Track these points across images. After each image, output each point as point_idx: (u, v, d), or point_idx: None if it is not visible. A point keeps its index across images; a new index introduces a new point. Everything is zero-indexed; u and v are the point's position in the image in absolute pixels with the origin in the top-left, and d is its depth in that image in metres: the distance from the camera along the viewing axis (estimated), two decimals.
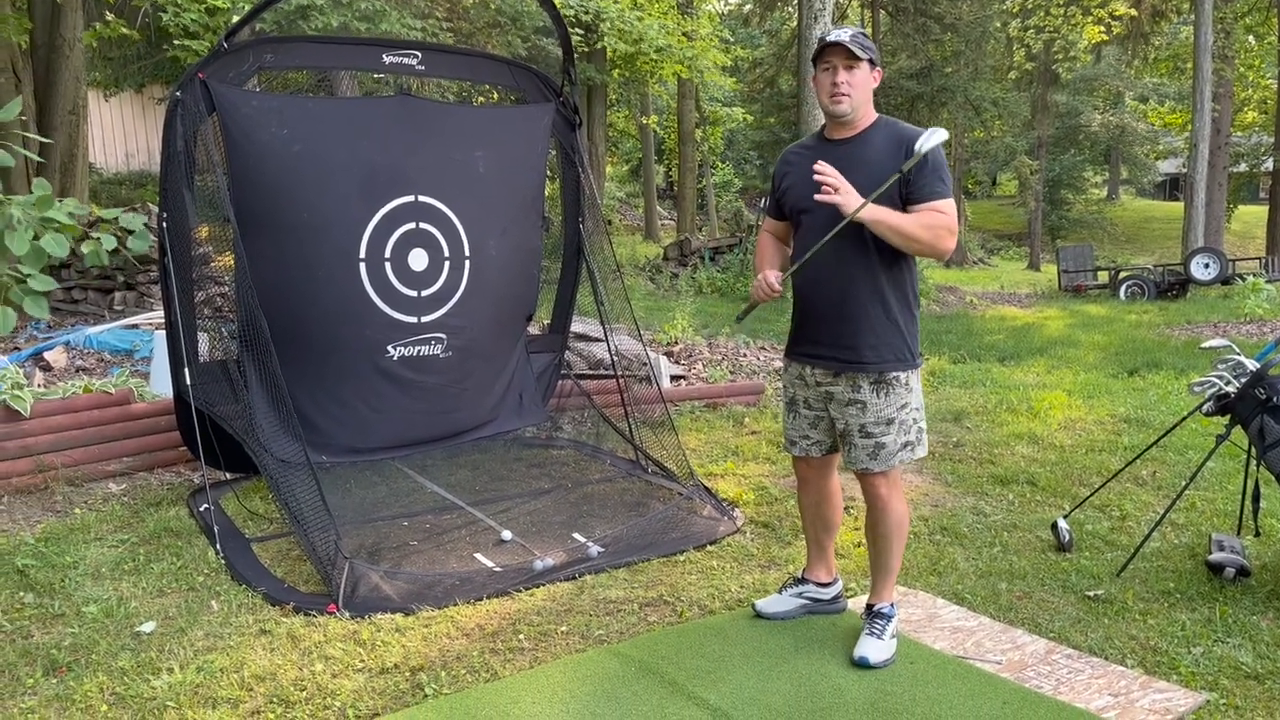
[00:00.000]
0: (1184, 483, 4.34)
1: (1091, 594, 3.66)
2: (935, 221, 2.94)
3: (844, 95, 2.99)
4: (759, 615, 3.45)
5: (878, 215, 2.89)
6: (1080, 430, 6.24)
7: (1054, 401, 6.97)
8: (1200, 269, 16.50)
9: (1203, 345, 4.26)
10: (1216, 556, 3.75)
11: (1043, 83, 27.08)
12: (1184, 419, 4.41)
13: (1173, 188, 41.92)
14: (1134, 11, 19.87)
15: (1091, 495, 4.60)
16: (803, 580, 3.50)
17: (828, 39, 2.99)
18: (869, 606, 3.26)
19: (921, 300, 14.50)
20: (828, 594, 3.49)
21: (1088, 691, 2.92)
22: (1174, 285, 16.75)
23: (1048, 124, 28.17)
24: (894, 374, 3.04)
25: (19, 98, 3.91)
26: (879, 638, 3.16)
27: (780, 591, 3.52)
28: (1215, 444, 3.93)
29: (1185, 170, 20.41)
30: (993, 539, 4.28)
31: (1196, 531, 4.30)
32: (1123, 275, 17.56)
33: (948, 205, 2.99)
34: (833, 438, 3.22)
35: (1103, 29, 19.24)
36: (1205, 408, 3.89)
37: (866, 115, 3.07)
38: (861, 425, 3.06)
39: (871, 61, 3.01)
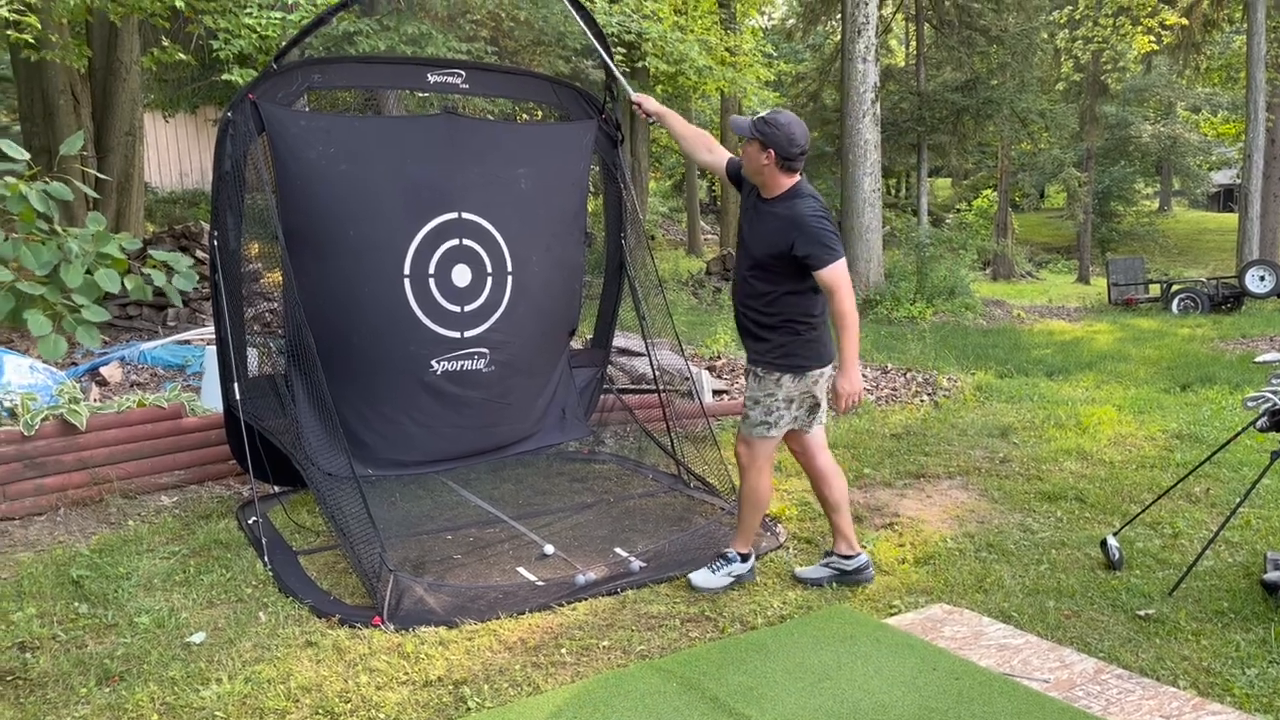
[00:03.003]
0: (1238, 500, 4.25)
1: (1142, 613, 3.59)
2: (839, 314, 3.60)
3: (744, 166, 3.76)
4: (795, 579, 3.99)
5: (847, 360, 3.64)
6: (1130, 446, 6.13)
7: (1103, 417, 6.86)
8: (1255, 281, 16.14)
9: (1257, 359, 4.17)
10: (1272, 575, 3.66)
11: (1091, 94, 26.70)
12: (1238, 435, 4.32)
13: (1226, 199, 41.06)
14: (1185, 21, 19.55)
15: (1142, 512, 4.52)
16: (830, 553, 4.02)
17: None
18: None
19: (968, 314, 14.45)
20: (850, 565, 3.95)
21: (1138, 713, 2.87)
22: (1228, 298, 16.40)
23: (1097, 135, 27.75)
24: (763, 371, 3.81)
25: (81, 131, 4.03)
26: (711, 571, 3.91)
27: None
28: (1270, 460, 3.85)
29: (1239, 181, 20.01)
30: (1040, 556, 4.21)
31: (1251, 550, 4.20)
32: (1175, 288, 17.22)
33: (829, 272, 3.59)
34: (801, 416, 3.89)
35: (1153, 39, 18.94)
36: (1259, 423, 3.81)
37: (774, 184, 3.71)
38: (745, 398, 3.91)
39: (762, 144, 3.61)
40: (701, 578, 3.89)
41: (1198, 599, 3.70)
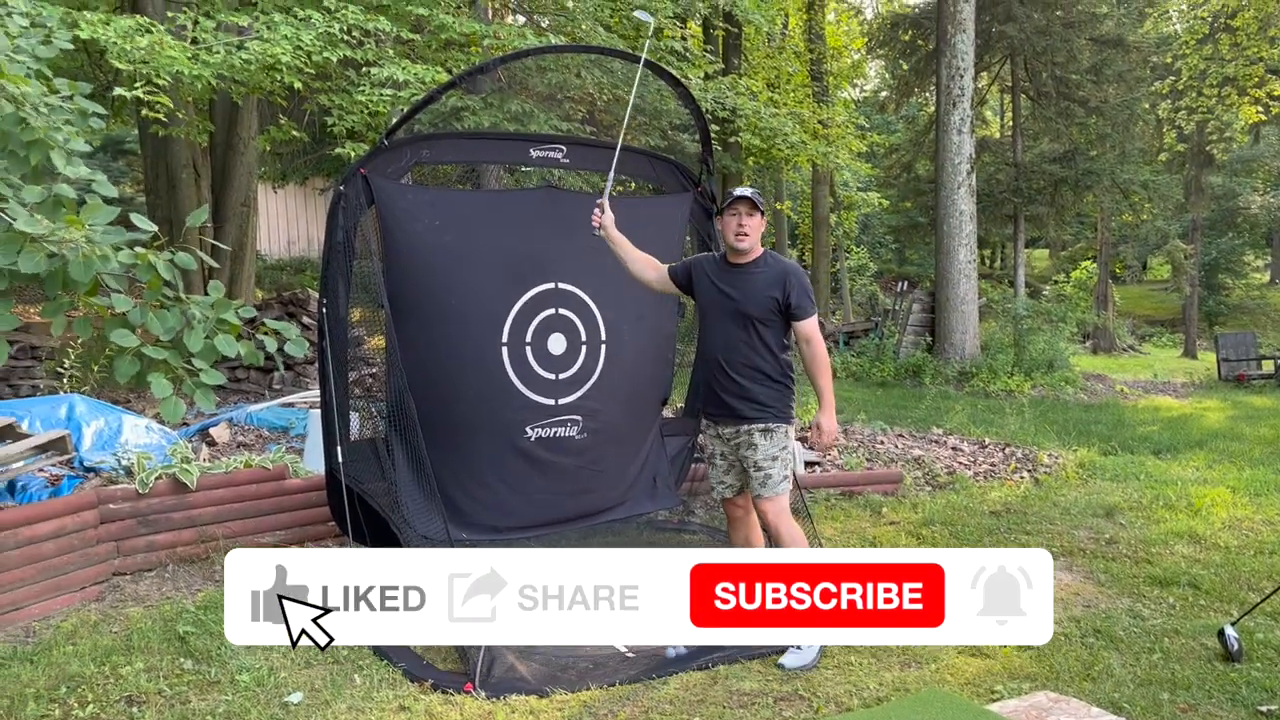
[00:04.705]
0: None
1: (1264, 709, 3.39)
2: (819, 359, 4.09)
3: (745, 234, 4.00)
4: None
5: (828, 402, 4.12)
6: (1247, 530, 5.84)
7: (1216, 499, 6.56)
8: None
9: None
10: None
11: (1196, 164, 26.04)
12: None
13: None
14: None
15: (1263, 601, 4.29)
16: None
17: (736, 193, 4.01)
18: None
19: (1068, 388, 14.04)
20: None
21: None
22: None
23: (1203, 206, 26.98)
24: (773, 424, 4.06)
25: (205, 206, 4.29)
26: (797, 648, 3.82)
27: None
28: None
29: None
30: (1152, 645, 4.02)
31: None
32: None
33: (810, 323, 4.08)
34: (743, 481, 4.15)
35: (1260, 109, 18.46)
36: None
37: (757, 249, 4.08)
38: (755, 462, 4.03)
39: (762, 212, 4.05)
40: (792, 660, 3.81)
41: None
